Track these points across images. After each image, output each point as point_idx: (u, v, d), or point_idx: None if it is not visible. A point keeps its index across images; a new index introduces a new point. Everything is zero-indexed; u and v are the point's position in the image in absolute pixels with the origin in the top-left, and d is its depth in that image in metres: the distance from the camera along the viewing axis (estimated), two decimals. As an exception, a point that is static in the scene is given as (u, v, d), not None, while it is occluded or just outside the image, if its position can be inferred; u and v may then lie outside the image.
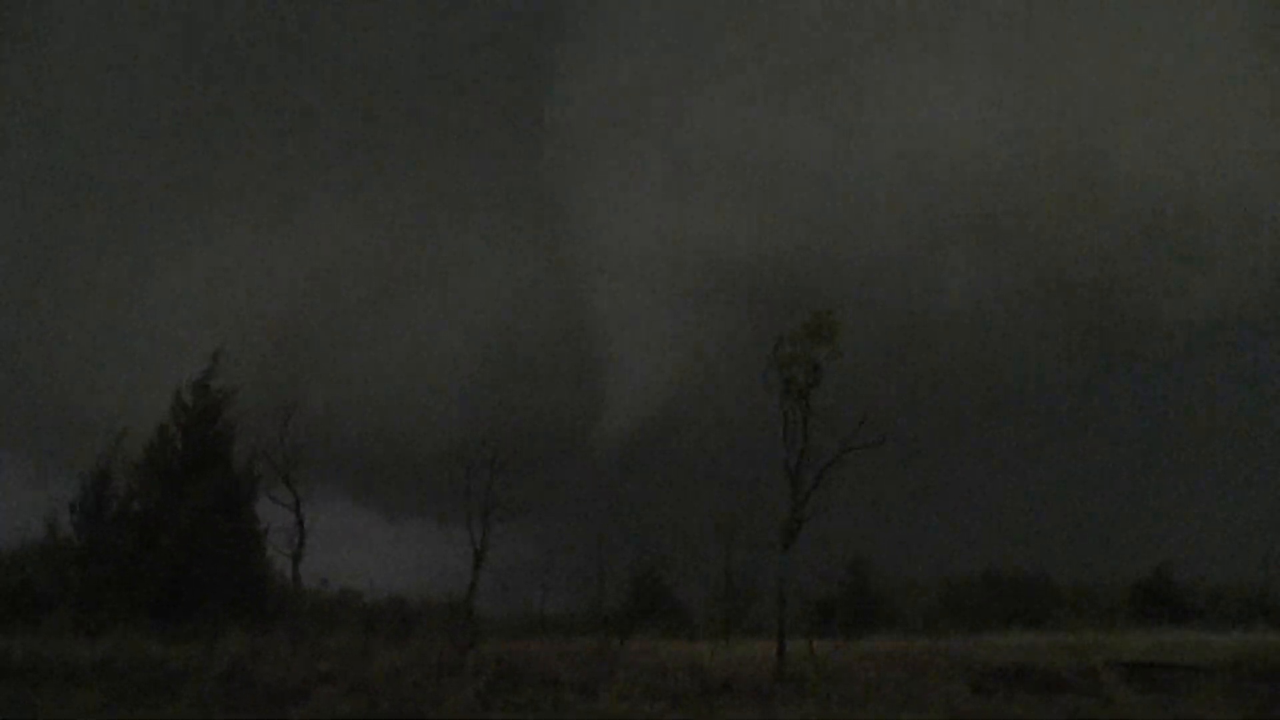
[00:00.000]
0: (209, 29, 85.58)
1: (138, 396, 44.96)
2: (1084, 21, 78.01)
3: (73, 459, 40.29)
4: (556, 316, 72.38)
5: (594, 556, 37.93)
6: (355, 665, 24.12)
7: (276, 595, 36.15)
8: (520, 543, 32.70)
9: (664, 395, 53.49)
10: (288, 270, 70.72)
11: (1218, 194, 67.19)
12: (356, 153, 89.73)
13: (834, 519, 27.71)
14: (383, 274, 77.68)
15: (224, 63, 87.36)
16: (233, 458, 37.94)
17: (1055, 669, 24.82)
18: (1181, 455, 59.27)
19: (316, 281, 70.98)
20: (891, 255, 66.70)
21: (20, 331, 59.68)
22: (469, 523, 29.97)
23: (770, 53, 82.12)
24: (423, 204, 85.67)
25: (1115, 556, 50.40)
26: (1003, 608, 45.77)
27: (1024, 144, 72.41)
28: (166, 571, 35.44)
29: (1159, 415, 64.29)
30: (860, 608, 42.45)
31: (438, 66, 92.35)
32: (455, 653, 25.73)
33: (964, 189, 70.92)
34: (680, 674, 24.24)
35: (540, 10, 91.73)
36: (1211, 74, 71.67)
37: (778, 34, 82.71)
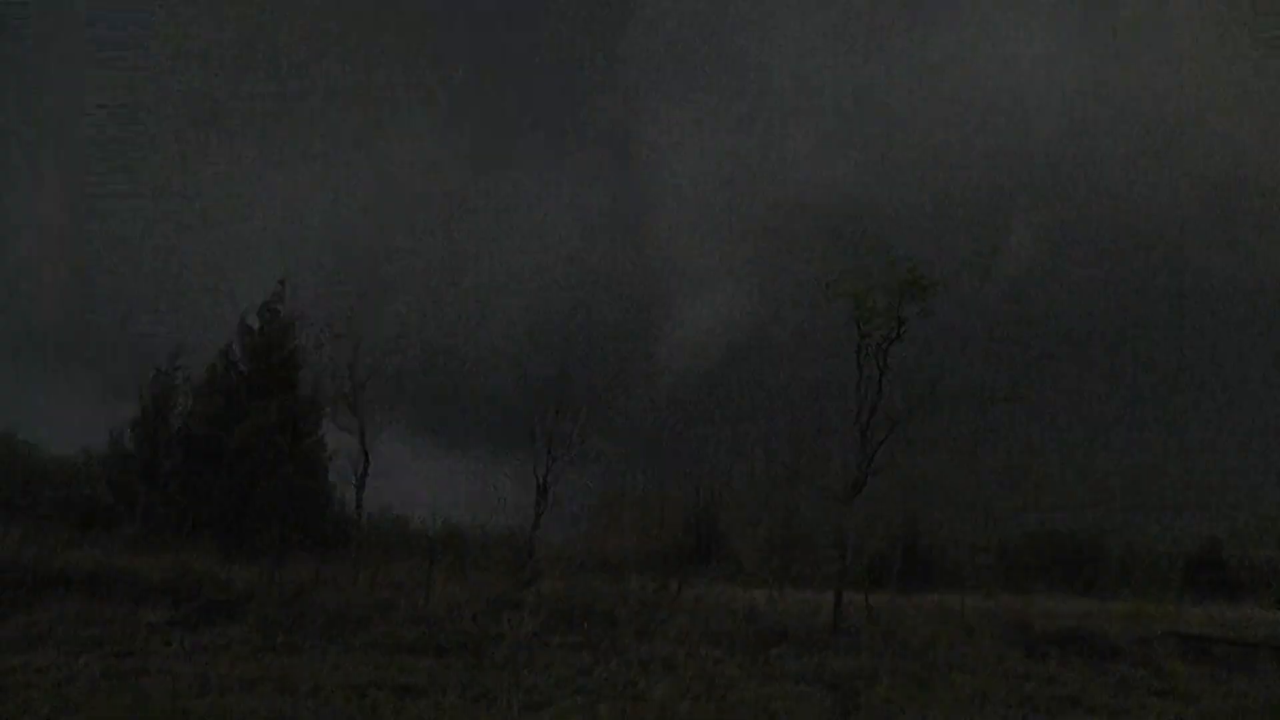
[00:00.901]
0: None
1: (205, 319, 45.46)
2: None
3: (140, 378, 40.82)
4: (624, 249, 71.97)
5: (653, 495, 38.21)
6: (415, 596, 24.46)
7: (338, 521, 36.60)
8: (582, 478, 32.83)
9: (729, 334, 53.30)
10: (358, 196, 70.91)
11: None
12: (428, 80, 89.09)
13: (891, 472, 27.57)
14: (452, 201, 77.52)
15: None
16: (298, 382, 38.10)
17: (1109, 636, 24.67)
18: (1244, 423, 57.91)
19: (387, 208, 71.06)
20: (958, 201, 65.33)
21: (90, 250, 60.62)
22: (534, 456, 30.29)
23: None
24: (496, 134, 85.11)
25: (1170, 525, 49.64)
26: (1057, 571, 45.51)
27: (1100, 93, 70.29)
28: (228, 491, 35.92)
29: (1224, 382, 62.48)
30: (914, 563, 42.33)
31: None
32: (515, 588, 25.98)
33: (1035, 136, 69.14)
34: (737, 620, 24.38)
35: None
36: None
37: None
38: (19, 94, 76.84)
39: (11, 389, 52.90)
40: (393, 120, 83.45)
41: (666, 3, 76.11)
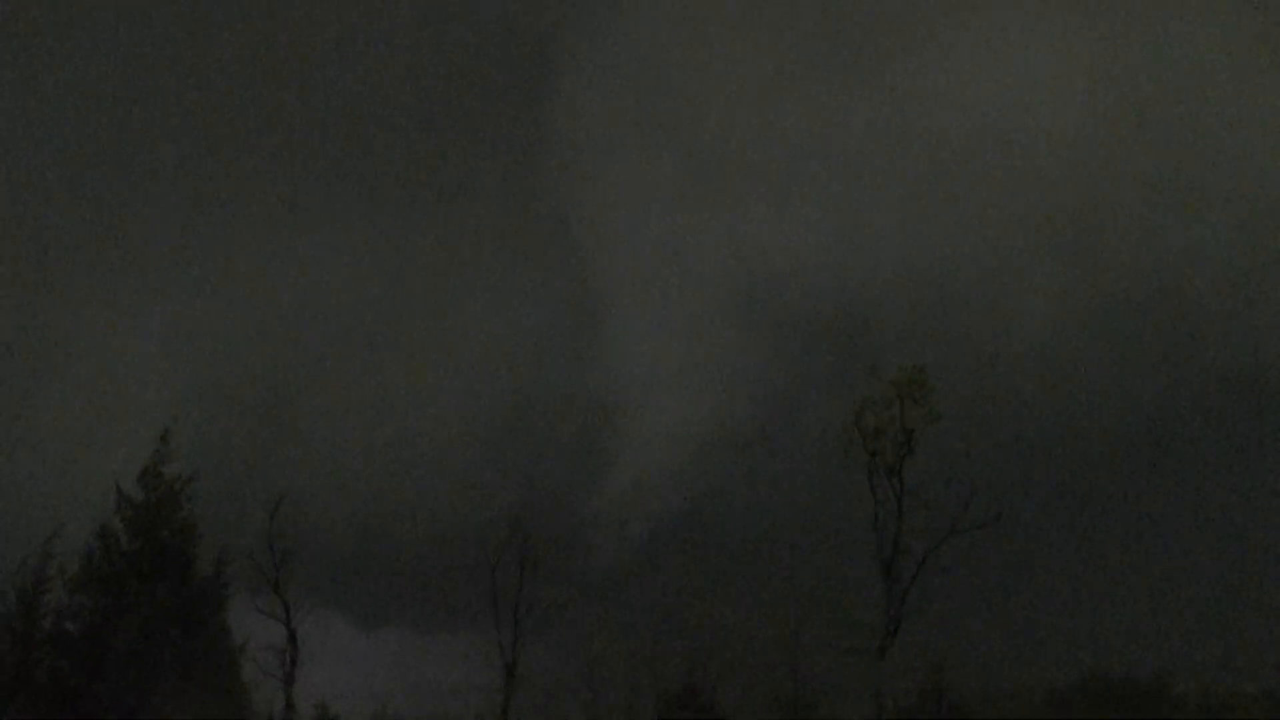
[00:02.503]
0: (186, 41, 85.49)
1: (74, 491, 44.14)
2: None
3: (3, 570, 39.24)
4: (569, 366, 71.33)
5: (625, 667, 37.39)
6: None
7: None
8: (544, 652, 32.13)
9: (702, 452, 52.84)
10: (260, 322, 69.56)
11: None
12: (340, 184, 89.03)
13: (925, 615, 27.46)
14: (370, 324, 76.48)
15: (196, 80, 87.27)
16: (195, 559, 37.01)
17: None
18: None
19: (296, 333, 69.76)
20: (957, 265, 65.23)
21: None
22: (495, 628, 29.59)
23: (802, 21, 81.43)
24: (417, 241, 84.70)
25: (1248, 654, 49.06)
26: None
27: (1112, 125, 71.15)
28: (115, 704, 34.38)
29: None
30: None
31: (431, 78, 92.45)
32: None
33: (1040, 180, 69.40)
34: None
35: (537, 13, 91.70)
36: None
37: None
38: None
39: None
40: (291, 228, 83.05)
41: (591, 70, 77.40)
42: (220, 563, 35.46)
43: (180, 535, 37.15)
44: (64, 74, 79.75)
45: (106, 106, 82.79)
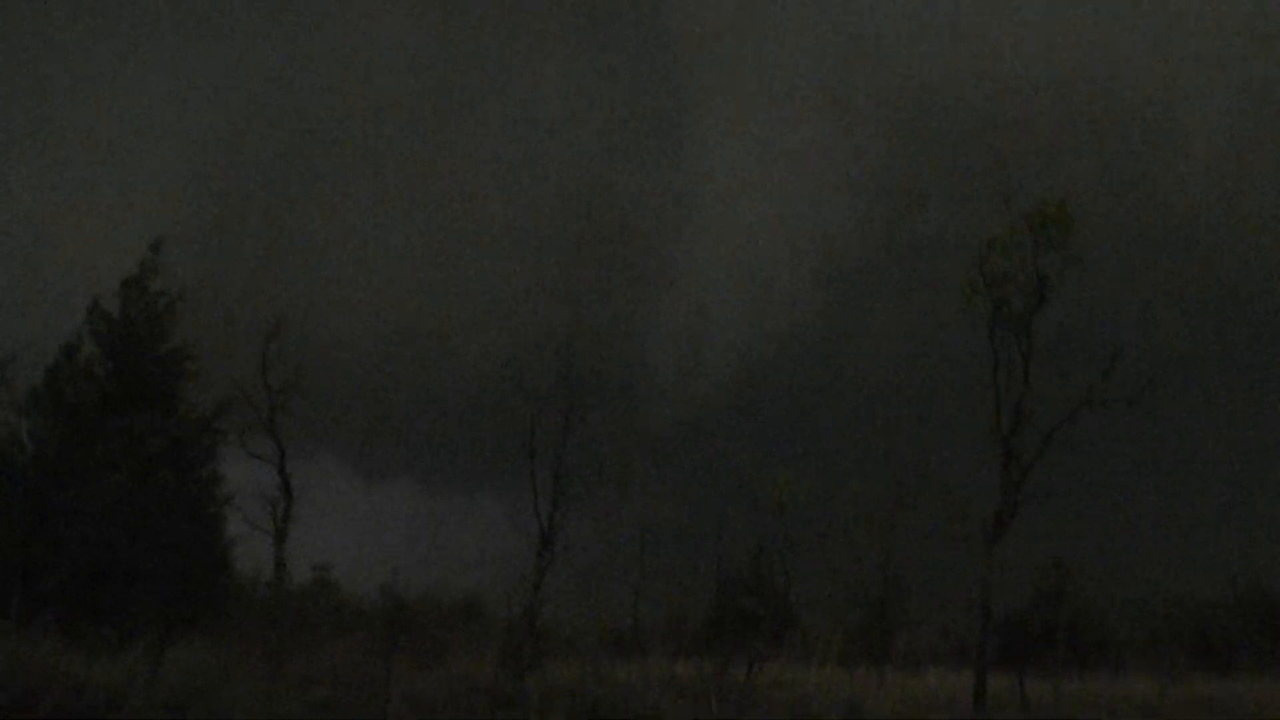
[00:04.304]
0: None
1: (44, 303, 44.58)
2: None
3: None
4: (639, 165, 69.83)
5: (682, 543, 37.67)
6: (370, 693, 23.99)
7: (241, 588, 35.96)
8: (588, 522, 32.16)
9: (786, 283, 52.27)
10: (268, 109, 68.47)
11: None
12: None
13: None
14: (408, 95, 75.08)
15: None
16: (181, 392, 37.52)
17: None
18: None
19: (309, 106, 68.71)
20: (1115, 70, 62.90)
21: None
22: (534, 492, 29.63)
23: None
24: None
25: None
26: (1266, 644, 44.74)
27: None
28: (80, 550, 35.04)
29: None
30: (1063, 631, 41.81)
31: None
32: (510, 678, 25.58)
33: None
34: (828, 718, 24.12)
35: None
36: None
37: None
38: None
39: None
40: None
41: None
42: (219, 405, 35.65)
43: (164, 363, 37.52)
44: None
45: None
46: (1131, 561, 45.25)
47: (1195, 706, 27.74)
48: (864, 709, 25.26)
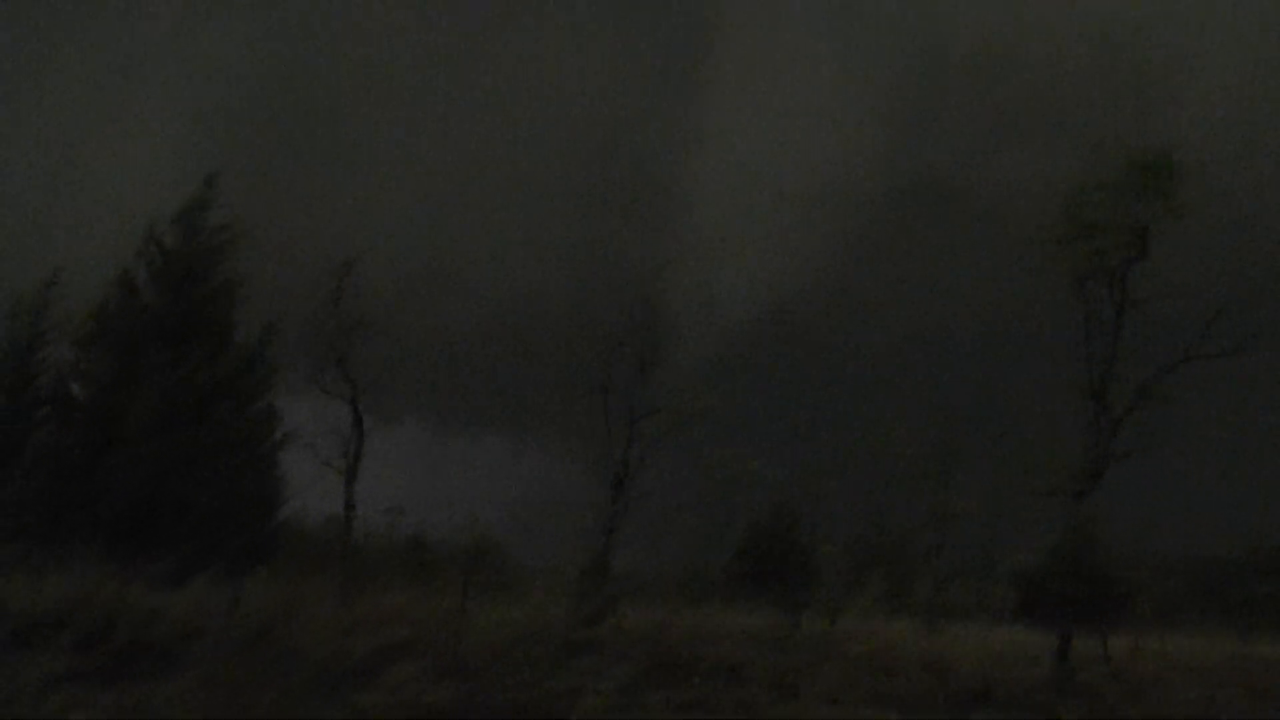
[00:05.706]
0: None
1: (95, 236, 44.55)
2: None
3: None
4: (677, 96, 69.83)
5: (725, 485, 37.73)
6: (441, 635, 23.88)
7: (304, 527, 36.21)
8: (669, 463, 32.16)
9: (850, 209, 52.17)
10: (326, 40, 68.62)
11: None
12: None
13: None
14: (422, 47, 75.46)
15: None
16: (234, 326, 37.52)
17: None
18: None
19: (376, 51, 69.00)
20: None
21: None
22: (607, 434, 29.63)
23: None
24: None
25: None
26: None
27: None
28: (126, 482, 35.05)
29: None
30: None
31: None
32: (584, 623, 25.50)
33: None
34: (913, 671, 24.01)
35: None
36: None
37: None
38: None
39: None
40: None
41: None
42: (268, 330, 35.68)
43: (218, 296, 37.52)
44: None
45: None
46: (1234, 515, 45.20)
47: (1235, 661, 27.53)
48: (944, 661, 25.08)
